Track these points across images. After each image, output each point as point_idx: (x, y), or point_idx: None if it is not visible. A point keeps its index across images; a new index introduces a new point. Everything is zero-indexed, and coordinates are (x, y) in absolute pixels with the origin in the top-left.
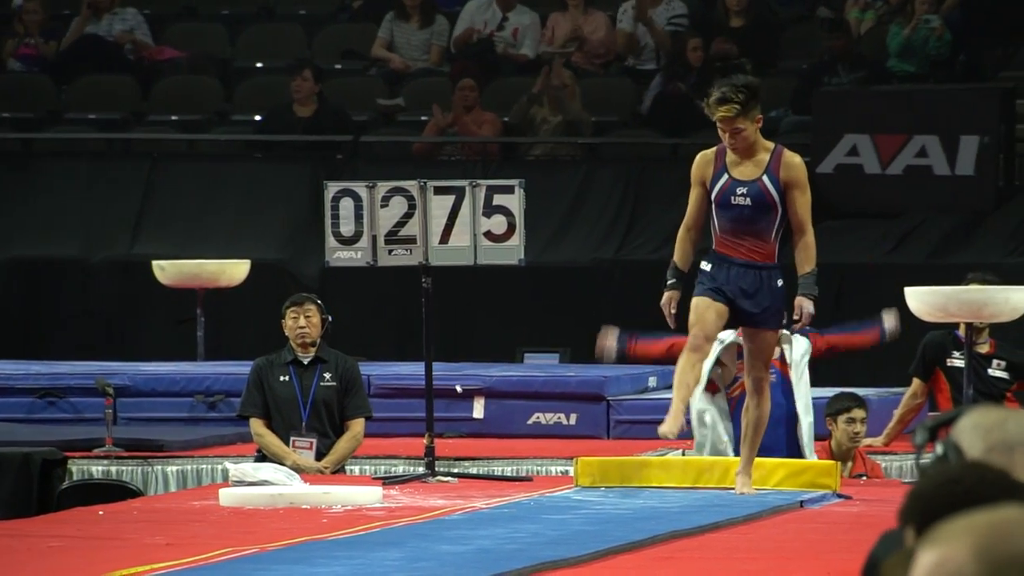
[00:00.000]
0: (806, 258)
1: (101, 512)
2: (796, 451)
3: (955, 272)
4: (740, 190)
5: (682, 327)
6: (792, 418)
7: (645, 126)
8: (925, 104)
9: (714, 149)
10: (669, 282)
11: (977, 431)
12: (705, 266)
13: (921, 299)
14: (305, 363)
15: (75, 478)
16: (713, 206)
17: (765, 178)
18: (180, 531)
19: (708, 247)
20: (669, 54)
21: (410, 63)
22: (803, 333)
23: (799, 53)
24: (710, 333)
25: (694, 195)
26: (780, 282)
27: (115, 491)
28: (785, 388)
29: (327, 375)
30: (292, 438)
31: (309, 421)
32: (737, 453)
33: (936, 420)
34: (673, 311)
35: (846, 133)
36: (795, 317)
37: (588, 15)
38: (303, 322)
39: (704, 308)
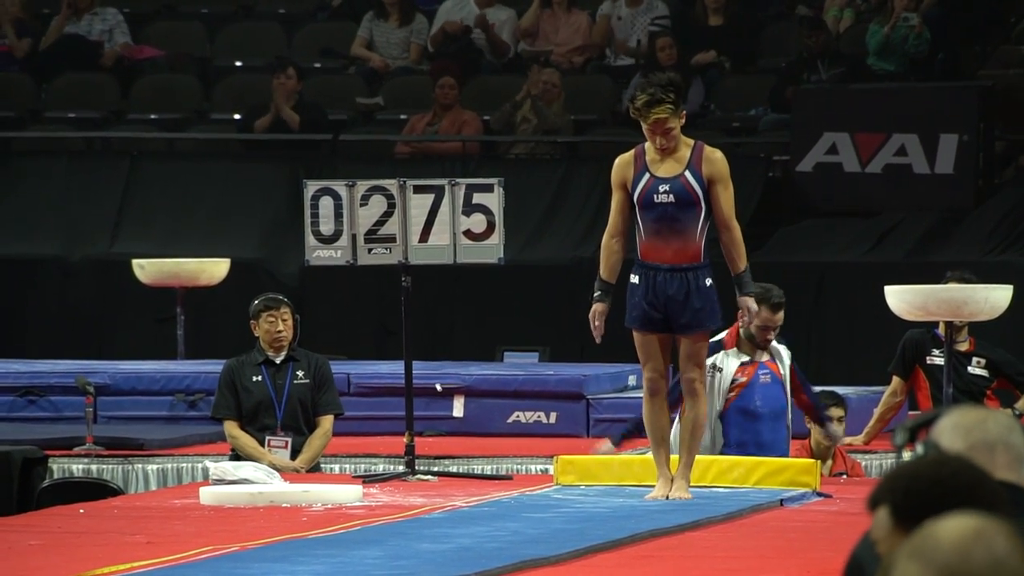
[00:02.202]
0: (737, 256)
1: (82, 510)
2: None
3: (934, 270)
4: (663, 187)
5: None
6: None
7: (624, 125)
8: (904, 102)
9: (632, 151)
10: (596, 294)
11: (957, 431)
12: (633, 278)
13: (901, 297)
14: (277, 363)
15: (55, 476)
16: (636, 209)
17: (687, 173)
18: (160, 529)
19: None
20: (647, 53)
21: (389, 62)
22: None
23: (778, 51)
24: (663, 369)
25: (616, 200)
26: (709, 281)
27: (95, 489)
28: (783, 387)
29: (300, 373)
30: (267, 438)
31: (284, 420)
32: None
33: (916, 420)
34: (598, 323)
35: (825, 131)
36: (742, 317)
37: (569, 13)
38: (280, 325)
39: (648, 344)
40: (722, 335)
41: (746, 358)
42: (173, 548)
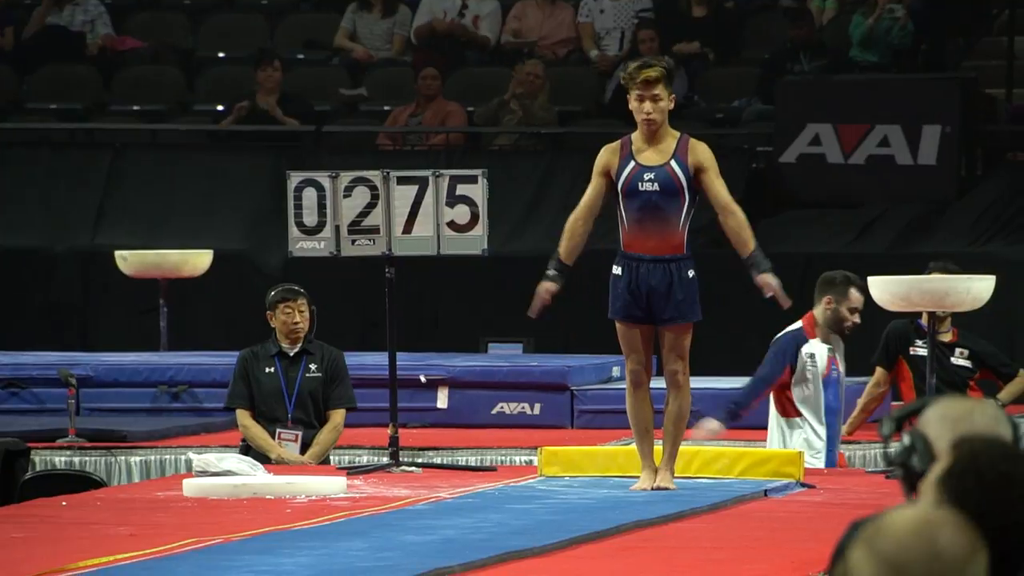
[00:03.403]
0: (746, 237)
1: (64, 503)
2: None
3: (917, 261)
4: (648, 175)
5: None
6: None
7: (608, 116)
8: (887, 94)
9: (618, 141)
10: (549, 273)
11: (944, 422)
12: (616, 270)
13: (884, 288)
14: (291, 355)
15: (38, 469)
16: (620, 197)
17: (673, 162)
18: (144, 521)
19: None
20: (632, 44)
21: (373, 53)
22: None
23: (761, 42)
24: (646, 361)
25: (594, 185)
26: (691, 273)
27: (78, 482)
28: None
29: (312, 366)
30: (278, 431)
31: (294, 413)
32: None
33: (903, 411)
34: (543, 304)
35: (808, 123)
36: (768, 295)
37: (554, 6)
38: (297, 317)
39: (630, 336)
40: (798, 325)
41: (830, 350)
42: (156, 540)
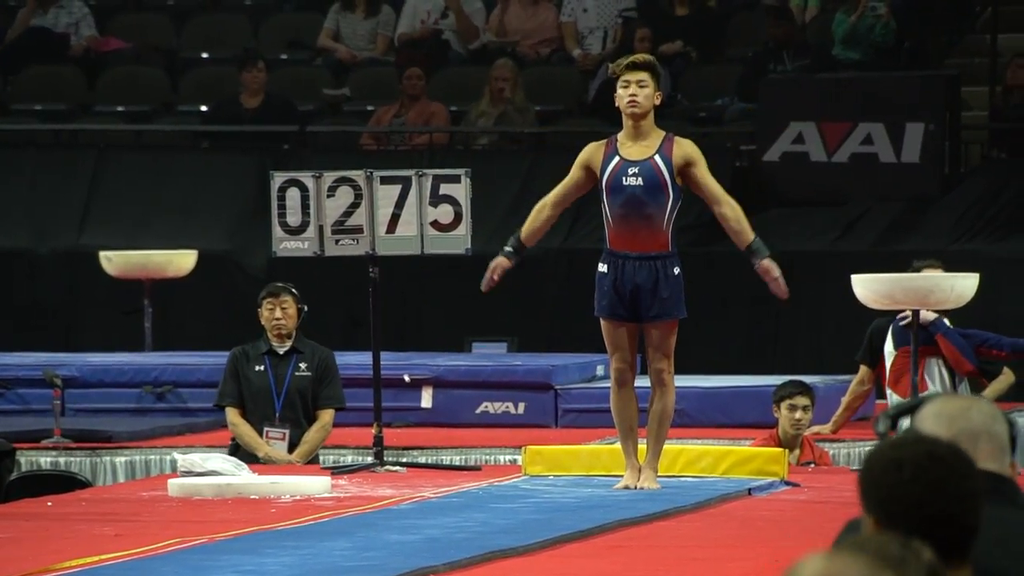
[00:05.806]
0: (745, 226)
1: (50, 503)
2: None
3: (901, 259)
4: (632, 170)
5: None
6: None
7: (591, 115)
8: (870, 91)
9: (604, 140)
10: (506, 249)
11: (940, 419)
12: (601, 267)
13: (867, 286)
14: (280, 353)
15: (23, 469)
16: (604, 194)
17: (657, 157)
18: (129, 521)
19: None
20: (618, 43)
21: (356, 53)
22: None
23: (744, 41)
24: (630, 359)
25: (572, 175)
26: (677, 270)
27: (64, 482)
28: None
29: (302, 365)
30: (265, 429)
31: (282, 412)
32: None
33: (898, 408)
34: (495, 277)
35: (792, 121)
36: (772, 279)
37: (536, 6)
38: (279, 314)
39: (615, 334)
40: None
41: None
42: (141, 540)
